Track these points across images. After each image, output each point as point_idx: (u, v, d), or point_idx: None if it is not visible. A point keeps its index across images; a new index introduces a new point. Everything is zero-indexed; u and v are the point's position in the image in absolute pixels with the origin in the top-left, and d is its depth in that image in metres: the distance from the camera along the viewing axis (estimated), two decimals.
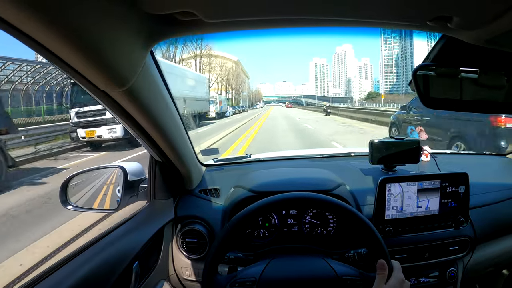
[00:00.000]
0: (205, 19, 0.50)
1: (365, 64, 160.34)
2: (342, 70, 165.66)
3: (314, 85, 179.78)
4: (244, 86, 59.70)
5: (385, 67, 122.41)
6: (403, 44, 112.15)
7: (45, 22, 0.38)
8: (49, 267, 0.74)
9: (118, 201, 1.03)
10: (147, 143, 0.87)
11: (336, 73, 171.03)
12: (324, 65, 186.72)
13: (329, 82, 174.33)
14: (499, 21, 0.49)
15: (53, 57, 0.46)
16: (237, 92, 49.24)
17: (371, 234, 0.78)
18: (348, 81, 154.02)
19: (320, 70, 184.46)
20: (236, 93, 48.41)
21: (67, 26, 0.41)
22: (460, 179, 1.08)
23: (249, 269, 0.82)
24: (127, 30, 0.49)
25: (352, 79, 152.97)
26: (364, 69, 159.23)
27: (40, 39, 0.42)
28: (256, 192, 1.10)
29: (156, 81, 0.71)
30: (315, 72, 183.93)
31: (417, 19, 0.54)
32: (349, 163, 1.37)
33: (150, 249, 0.99)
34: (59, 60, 0.47)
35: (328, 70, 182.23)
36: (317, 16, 0.54)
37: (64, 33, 0.41)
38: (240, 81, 51.66)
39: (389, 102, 50.73)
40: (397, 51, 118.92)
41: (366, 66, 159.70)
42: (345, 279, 0.77)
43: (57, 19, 0.39)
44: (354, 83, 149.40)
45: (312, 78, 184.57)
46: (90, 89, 0.56)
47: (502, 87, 0.74)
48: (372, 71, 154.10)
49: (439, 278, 1.10)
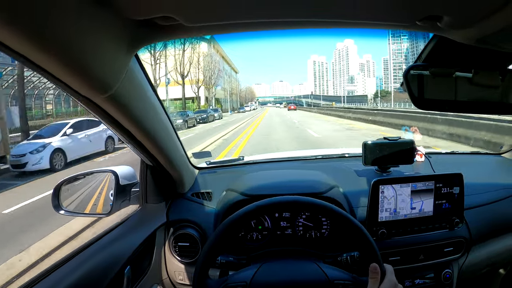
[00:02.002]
0: (186, 23, 0.50)
1: (367, 61, 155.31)
2: (344, 68, 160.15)
3: (313, 84, 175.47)
4: (225, 79, 44.46)
5: (394, 63, 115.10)
6: (413, 36, 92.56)
7: (23, 31, 0.38)
8: (40, 272, 0.74)
9: (111, 205, 1.02)
10: (137, 147, 0.86)
11: (337, 71, 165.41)
12: (324, 63, 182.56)
13: (330, 80, 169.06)
14: (489, 20, 0.49)
15: (33, 65, 0.45)
16: (208, 85, 33.20)
17: (362, 237, 0.78)
18: (351, 79, 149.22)
19: (319, 68, 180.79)
20: (207, 86, 33.00)
21: (46, 34, 0.40)
22: (455, 180, 1.07)
23: (240, 273, 0.81)
24: (108, 35, 0.49)
25: (355, 77, 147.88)
26: (367, 67, 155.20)
27: (18, 48, 0.41)
28: (248, 195, 1.10)
29: (141, 86, 0.70)
30: (314, 70, 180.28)
31: (406, 19, 0.54)
32: (343, 165, 1.37)
33: (142, 254, 0.98)
34: (39, 68, 0.46)
35: (327, 68, 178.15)
36: (301, 18, 0.53)
37: (43, 42, 0.40)
38: (214, 68, 34.21)
39: (401, 101, 36.92)
40: (407, 44, 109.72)
41: (368, 63, 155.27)
42: (337, 284, 0.76)
43: (35, 27, 0.38)
44: (358, 81, 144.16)
45: (311, 77, 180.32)
46: (72, 95, 0.55)
47: (496, 87, 0.73)
48: (374, 69, 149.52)
49: (434, 279, 1.09)
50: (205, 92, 33.95)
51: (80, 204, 1.07)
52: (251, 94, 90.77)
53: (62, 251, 2.99)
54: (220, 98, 42.01)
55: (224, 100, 44.92)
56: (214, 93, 36.54)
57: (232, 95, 53.38)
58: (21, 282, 0.70)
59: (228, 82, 49.08)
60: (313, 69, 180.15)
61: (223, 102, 43.02)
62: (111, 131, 0.75)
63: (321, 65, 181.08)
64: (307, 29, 0.59)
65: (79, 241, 3.12)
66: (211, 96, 35.27)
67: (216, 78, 35.50)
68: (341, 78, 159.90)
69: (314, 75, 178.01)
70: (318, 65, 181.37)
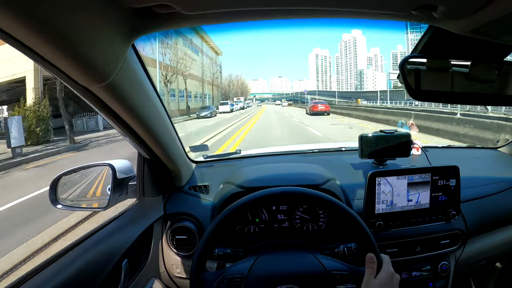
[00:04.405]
0: (183, 11, 0.49)
1: (375, 55, 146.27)
2: (351, 61, 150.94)
3: (315, 80, 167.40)
4: (198, 62, 31.98)
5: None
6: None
7: (19, 17, 0.38)
8: (38, 265, 0.73)
9: (108, 199, 1.03)
10: (134, 140, 0.86)
11: (343, 64, 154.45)
12: (327, 56, 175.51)
13: (337, 75, 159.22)
14: (484, 11, 0.49)
15: (30, 52, 0.45)
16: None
17: (359, 228, 0.78)
18: (360, 74, 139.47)
19: (321, 63, 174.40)
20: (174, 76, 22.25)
21: (43, 21, 0.40)
22: (451, 172, 1.08)
23: (237, 265, 0.82)
24: (105, 24, 0.48)
25: (364, 71, 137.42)
26: (374, 61, 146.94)
27: (15, 34, 0.41)
28: (245, 187, 1.10)
29: (138, 75, 0.70)
30: (316, 65, 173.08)
31: (401, 8, 0.53)
32: (340, 158, 1.37)
33: (140, 247, 0.99)
34: (36, 55, 0.46)
35: (331, 63, 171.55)
36: (294, 6, 0.53)
37: (40, 29, 0.40)
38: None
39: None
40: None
41: (376, 57, 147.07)
42: (334, 274, 0.76)
43: (32, 14, 0.38)
44: (368, 75, 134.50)
45: (313, 72, 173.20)
46: (70, 85, 0.56)
47: (493, 78, 0.73)
48: (382, 63, 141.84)
49: (431, 272, 1.09)
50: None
51: (77, 198, 1.07)
52: (241, 87, 65.14)
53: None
54: (192, 92, 29.96)
55: (200, 96, 32.88)
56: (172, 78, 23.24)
57: (213, 86, 39.50)
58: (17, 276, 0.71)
59: (210, 69, 36.09)
60: (315, 63, 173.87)
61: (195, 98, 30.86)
62: (109, 122, 0.75)
63: (324, 59, 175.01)
64: (307, 19, 0.58)
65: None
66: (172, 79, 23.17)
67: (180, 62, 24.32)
68: (349, 72, 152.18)
69: (316, 70, 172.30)
70: (321, 59, 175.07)
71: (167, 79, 23.12)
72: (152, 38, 18.14)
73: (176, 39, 24.99)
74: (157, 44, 22.04)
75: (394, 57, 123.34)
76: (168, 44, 23.97)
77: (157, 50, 22.12)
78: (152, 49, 21.10)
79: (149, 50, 20.34)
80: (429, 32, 0.71)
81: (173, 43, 24.85)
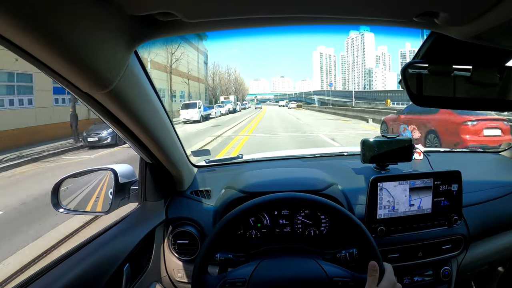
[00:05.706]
0: (185, 19, 0.50)
1: (382, 53, 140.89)
2: (358, 60, 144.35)
3: (319, 80, 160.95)
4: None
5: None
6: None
7: (24, 26, 0.38)
8: (40, 269, 0.74)
9: (110, 203, 1.03)
10: (136, 145, 0.87)
11: (350, 63, 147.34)
12: (331, 55, 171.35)
13: (342, 74, 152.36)
14: (486, 16, 0.49)
15: (33, 60, 0.45)
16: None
17: (361, 235, 0.77)
18: (369, 73, 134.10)
19: (326, 62, 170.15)
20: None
21: (47, 29, 0.40)
22: (453, 177, 1.07)
23: (239, 270, 0.81)
24: (108, 31, 0.49)
25: (373, 70, 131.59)
26: (382, 60, 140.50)
27: (19, 42, 0.41)
28: (247, 192, 1.10)
29: (141, 82, 0.70)
30: (320, 63, 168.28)
31: (403, 15, 0.53)
32: (342, 163, 1.36)
33: (141, 251, 0.99)
34: (39, 62, 0.46)
35: (336, 62, 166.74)
36: (296, 14, 0.53)
37: (43, 36, 0.41)
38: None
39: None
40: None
41: (384, 56, 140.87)
42: (336, 281, 0.76)
43: (36, 22, 0.38)
44: (377, 74, 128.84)
45: (317, 72, 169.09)
46: (73, 91, 0.56)
47: (495, 83, 0.73)
48: (390, 62, 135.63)
49: (433, 277, 1.09)
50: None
51: (79, 202, 1.08)
52: (235, 83, 52.85)
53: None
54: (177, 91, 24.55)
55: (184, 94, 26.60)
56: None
57: (200, 82, 31.85)
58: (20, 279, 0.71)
59: (186, 57, 27.77)
60: (319, 62, 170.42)
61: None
62: (111, 127, 0.76)
63: (329, 57, 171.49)
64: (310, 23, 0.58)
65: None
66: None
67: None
68: (356, 71, 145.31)
69: (320, 69, 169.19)
70: (325, 57, 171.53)
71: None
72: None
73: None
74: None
75: (402, 56, 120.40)
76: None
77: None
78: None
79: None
80: (431, 38, 0.71)
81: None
